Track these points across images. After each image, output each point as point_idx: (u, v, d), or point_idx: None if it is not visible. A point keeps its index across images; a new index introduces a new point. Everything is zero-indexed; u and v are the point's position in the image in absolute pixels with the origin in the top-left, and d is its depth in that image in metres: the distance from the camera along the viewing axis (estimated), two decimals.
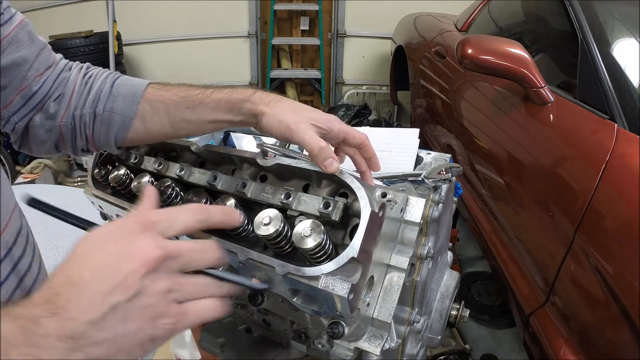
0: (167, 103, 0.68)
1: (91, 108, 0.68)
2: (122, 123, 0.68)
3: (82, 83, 0.69)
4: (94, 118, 0.68)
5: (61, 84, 0.68)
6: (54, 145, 0.70)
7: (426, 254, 0.72)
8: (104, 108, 0.68)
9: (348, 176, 0.60)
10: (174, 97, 0.68)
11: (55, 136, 0.68)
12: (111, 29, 3.62)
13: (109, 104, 0.68)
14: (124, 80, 0.71)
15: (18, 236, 0.58)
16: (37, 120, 0.66)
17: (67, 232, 1.88)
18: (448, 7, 3.47)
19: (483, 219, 1.88)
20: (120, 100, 0.68)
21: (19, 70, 0.61)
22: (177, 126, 0.69)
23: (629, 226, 1.09)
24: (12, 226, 0.57)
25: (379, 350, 0.66)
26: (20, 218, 0.61)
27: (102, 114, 0.68)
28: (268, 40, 4.57)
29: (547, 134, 1.52)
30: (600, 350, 1.17)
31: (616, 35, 1.63)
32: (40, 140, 0.68)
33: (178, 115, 0.68)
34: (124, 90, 0.69)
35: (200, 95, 0.68)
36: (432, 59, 2.69)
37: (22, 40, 0.61)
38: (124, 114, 0.68)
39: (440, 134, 2.51)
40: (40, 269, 0.63)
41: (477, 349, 1.96)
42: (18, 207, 0.61)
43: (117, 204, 0.79)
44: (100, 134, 0.69)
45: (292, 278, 0.57)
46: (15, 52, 0.60)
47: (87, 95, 0.68)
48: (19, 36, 0.61)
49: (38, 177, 3.14)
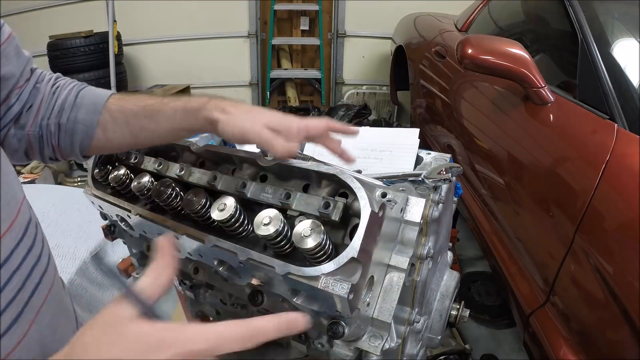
0: (126, 113, 0.70)
1: (56, 118, 0.69)
2: (85, 132, 0.70)
3: (49, 93, 0.70)
4: (59, 128, 0.69)
5: (32, 94, 0.69)
6: (24, 153, 0.71)
7: (426, 254, 0.72)
8: (67, 118, 0.69)
9: (348, 176, 0.60)
10: (133, 106, 0.70)
11: (24, 144, 0.70)
12: (111, 29, 3.62)
13: (73, 114, 0.69)
14: (88, 91, 0.72)
15: (28, 226, 0.59)
16: (11, 130, 0.68)
17: (68, 232, 1.87)
18: (448, 7, 3.47)
19: (483, 219, 1.88)
20: (83, 110, 0.70)
21: (7, 84, 0.63)
22: (136, 135, 0.71)
23: (629, 226, 1.09)
24: (21, 218, 0.58)
25: (379, 350, 0.66)
26: (29, 210, 0.62)
27: (66, 124, 0.69)
28: (268, 40, 4.58)
29: (547, 134, 1.52)
30: (600, 350, 1.17)
31: (616, 35, 1.63)
32: (13, 148, 0.69)
33: (137, 124, 0.70)
34: (86, 100, 0.70)
35: (158, 104, 0.69)
36: (432, 59, 2.69)
37: (10, 54, 0.62)
38: (86, 123, 0.69)
39: (440, 134, 2.51)
40: (49, 262, 0.64)
41: (477, 349, 1.96)
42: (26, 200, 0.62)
43: (117, 204, 0.79)
44: (65, 143, 0.71)
45: (292, 278, 0.57)
46: (5, 67, 0.61)
47: (54, 106, 0.70)
48: (7, 51, 0.62)
49: (38, 177, 3.14)
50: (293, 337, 0.78)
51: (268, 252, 0.61)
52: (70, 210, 1.85)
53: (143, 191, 0.74)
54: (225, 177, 0.68)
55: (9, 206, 0.55)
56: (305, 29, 4.76)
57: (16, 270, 0.54)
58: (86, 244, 1.73)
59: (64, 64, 3.84)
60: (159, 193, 0.70)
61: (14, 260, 0.55)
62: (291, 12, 4.68)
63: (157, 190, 0.70)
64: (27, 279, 0.56)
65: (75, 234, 1.73)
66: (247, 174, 0.71)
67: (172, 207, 0.71)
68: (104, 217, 0.93)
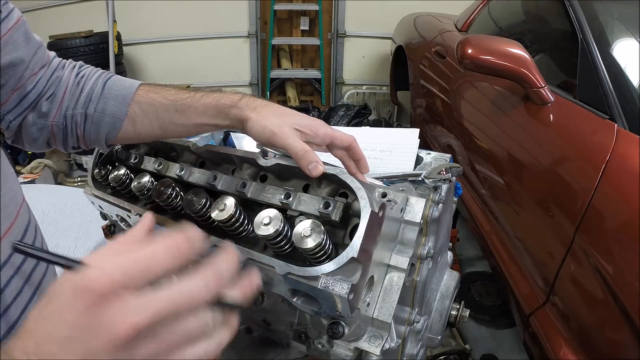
0: (157, 106, 0.69)
1: (83, 109, 0.69)
2: (113, 124, 0.69)
3: (74, 83, 0.69)
4: (85, 118, 0.69)
5: (54, 83, 0.68)
6: (46, 142, 0.71)
7: (426, 254, 0.72)
8: (95, 109, 0.69)
9: (348, 176, 0.60)
10: (164, 100, 0.69)
11: (47, 134, 0.69)
12: (111, 29, 3.62)
13: (100, 105, 0.69)
14: (116, 81, 0.71)
15: (27, 228, 0.59)
16: (29, 119, 0.67)
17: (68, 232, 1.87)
18: (448, 7, 3.47)
19: (483, 219, 1.88)
20: (112, 101, 0.69)
21: (16, 70, 0.62)
22: (166, 128, 0.70)
23: (629, 226, 1.09)
24: (20, 220, 0.57)
25: (379, 350, 0.66)
26: (29, 212, 0.61)
27: (93, 115, 0.69)
28: (268, 40, 4.57)
29: (547, 134, 1.52)
30: (600, 350, 1.17)
31: (616, 35, 1.63)
32: (32, 137, 0.69)
33: (167, 118, 0.69)
34: (115, 92, 0.69)
35: (189, 99, 0.68)
36: (432, 59, 2.69)
37: (18, 40, 0.61)
38: (115, 115, 0.69)
39: (440, 134, 2.51)
40: (49, 265, 0.63)
41: (477, 349, 1.96)
42: (26, 202, 0.61)
43: (117, 204, 0.79)
44: (90, 134, 0.70)
45: (292, 278, 0.57)
46: (13, 53, 0.60)
47: (79, 96, 0.69)
48: (15, 36, 0.61)
49: (38, 177, 3.14)
50: (293, 337, 0.79)
51: (268, 252, 0.61)
52: (70, 210, 1.86)
53: (143, 191, 0.74)
54: (225, 177, 0.68)
55: (8, 208, 0.55)
56: (305, 29, 4.76)
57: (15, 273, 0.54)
58: (86, 244, 1.73)
59: None
60: (159, 193, 0.70)
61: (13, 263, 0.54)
62: (291, 12, 4.68)
63: (157, 190, 0.70)
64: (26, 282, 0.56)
65: (75, 234, 1.73)
66: (247, 174, 0.71)
67: (172, 207, 0.71)
68: (104, 217, 0.93)
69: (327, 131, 0.67)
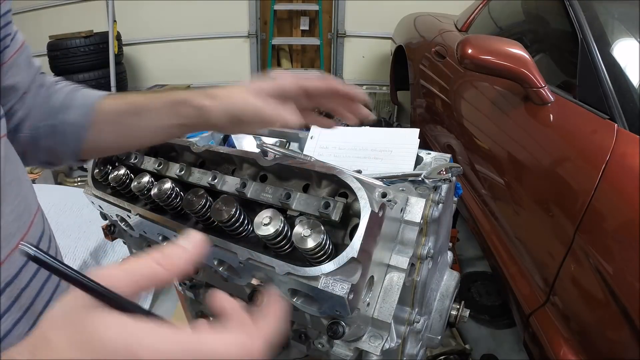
0: (119, 112, 0.67)
1: (47, 121, 0.67)
2: (76, 134, 0.67)
3: (45, 97, 0.68)
4: (50, 130, 0.67)
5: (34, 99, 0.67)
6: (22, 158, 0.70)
7: (426, 254, 0.72)
8: (58, 120, 0.67)
9: (348, 176, 0.60)
10: (124, 104, 0.67)
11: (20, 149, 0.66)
12: (111, 29, 3.62)
13: (62, 115, 0.67)
14: (82, 93, 0.69)
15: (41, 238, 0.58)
16: None
17: (68, 232, 1.87)
18: (448, 7, 3.47)
19: (483, 219, 1.88)
20: (74, 111, 0.67)
21: (15, 95, 0.61)
22: (128, 135, 0.67)
23: (629, 226, 1.09)
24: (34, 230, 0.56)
25: (379, 350, 0.66)
26: (43, 222, 0.60)
27: (57, 126, 0.67)
28: (268, 40, 4.58)
29: (547, 134, 1.52)
30: (600, 350, 1.17)
31: (616, 35, 1.63)
32: None
33: (126, 123, 0.66)
34: (77, 102, 0.67)
35: (144, 100, 0.66)
36: (432, 59, 2.69)
37: (21, 64, 0.61)
38: (78, 124, 0.66)
39: (440, 134, 2.51)
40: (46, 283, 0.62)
41: (477, 349, 1.96)
42: (41, 210, 0.60)
43: (117, 204, 0.79)
44: (57, 146, 0.68)
45: (292, 278, 0.57)
46: (15, 76, 0.60)
47: (46, 109, 0.67)
48: (19, 61, 0.60)
49: (38, 177, 3.14)
50: (293, 337, 0.79)
51: (268, 252, 0.61)
52: (70, 210, 1.86)
53: (143, 191, 0.73)
54: (225, 177, 0.68)
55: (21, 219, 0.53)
56: (305, 29, 4.76)
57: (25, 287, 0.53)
58: (86, 244, 1.73)
59: (64, 64, 3.84)
60: (159, 193, 0.70)
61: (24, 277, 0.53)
62: (291, 12, 4.68)
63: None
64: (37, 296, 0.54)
65: (75, 234, 1.74)
66: (247, 174, 0.71)
67: (172, 207, 0.71)
68: (104, 217, 0.93)
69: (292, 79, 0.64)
